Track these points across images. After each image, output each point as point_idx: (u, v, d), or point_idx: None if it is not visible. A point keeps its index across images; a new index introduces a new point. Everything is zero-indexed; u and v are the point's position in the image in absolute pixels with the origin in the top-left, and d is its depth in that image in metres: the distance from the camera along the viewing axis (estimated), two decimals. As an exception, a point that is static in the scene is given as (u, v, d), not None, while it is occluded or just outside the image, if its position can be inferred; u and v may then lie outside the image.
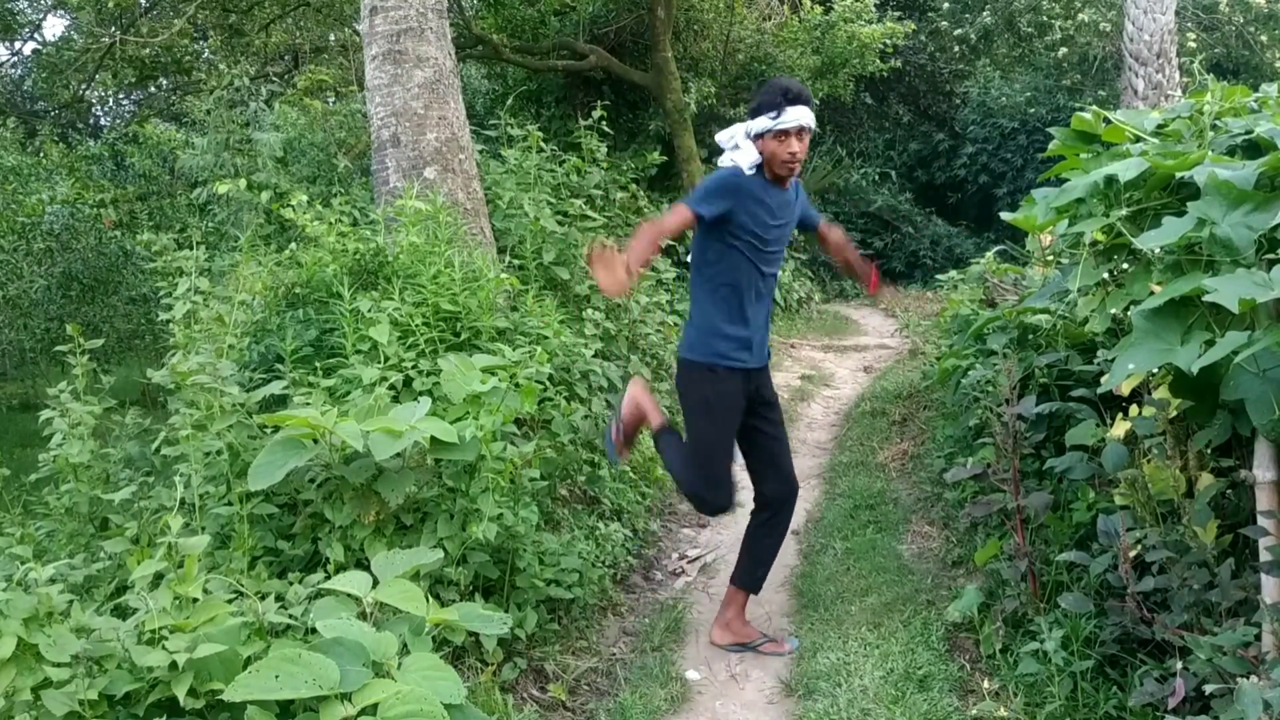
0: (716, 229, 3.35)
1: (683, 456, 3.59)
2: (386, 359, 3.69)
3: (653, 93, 11.19)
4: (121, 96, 18.76)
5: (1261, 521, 2.38)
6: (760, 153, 3.34)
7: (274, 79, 12.68)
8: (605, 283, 2.93)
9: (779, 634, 3.73)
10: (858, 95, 15.30)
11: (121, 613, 2.57)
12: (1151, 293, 2.29)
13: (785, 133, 3.28)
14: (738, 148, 3.38)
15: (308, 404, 3.25)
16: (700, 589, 4.32)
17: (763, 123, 3.28)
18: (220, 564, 2.94)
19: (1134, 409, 3.04)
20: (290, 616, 2.52)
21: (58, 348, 3.76)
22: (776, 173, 3.37)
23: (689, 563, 4.60)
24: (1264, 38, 15.57)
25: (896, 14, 13.61)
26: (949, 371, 5.17)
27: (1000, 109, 18.39)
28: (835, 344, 10.75)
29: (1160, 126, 2.74)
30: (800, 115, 3.26)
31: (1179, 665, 2.42)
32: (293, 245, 4.72)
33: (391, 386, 3.57)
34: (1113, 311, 2.63)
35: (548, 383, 4.31)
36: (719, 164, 3.47)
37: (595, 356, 5.03)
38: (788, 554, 4.60)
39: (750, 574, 3.70)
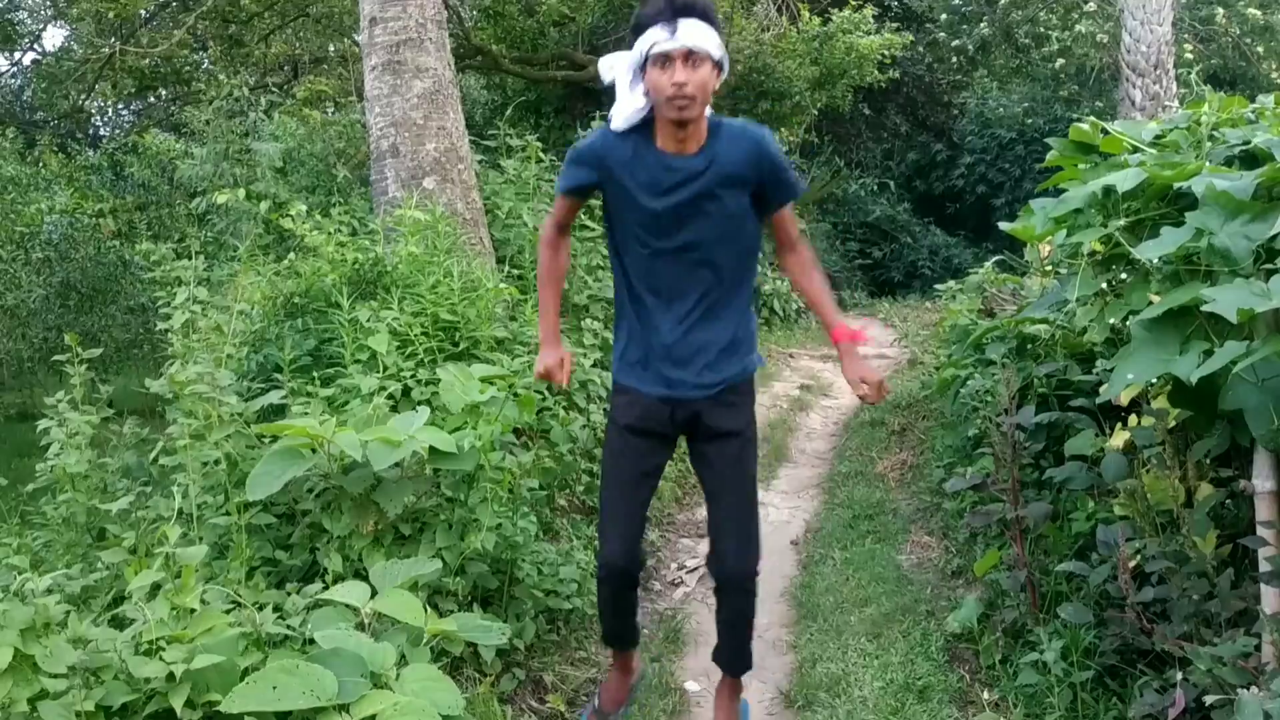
0: (606, 214, 2.66)
1: None
2: (385, 369, 3.69)
3: (651, 103, 11.21)
4: (121, 107, 18.80)
5: (1261, 532, 2.38)
6: (647, 93, 2.46)
7: (273, 89, 12.68)
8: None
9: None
10: (856, 106, 15.33)
11: (119, 623, 2.56)
12: (1150, 303, 2.29)
13: (667, 56, 2.37)
14: (615, 82, 2.55)
15: (306, 414, 3.24)
16: (699, 600, 4.30)
17: (644, 41, 2.40)
18: (218, 574, 2.93)
19: (1133, 419, 3.04)
20: (288, 627, 2.51)
21: (56, 357, 3.75)
22: (666, 116, 2.46)
23: (688, 573, 4.59)
24: (1260, 49, 15.63)
25: (894, 25, 13.65)
26: (948, 381, 5.17)
27: (998, 120, 18.47)
28: (834, 354, 10.73)
29: (1158, 137, 2.75)
30: (690, 33, 2.36)
31: (1179, 676, 2.42)
32: (291, 255, 4.72)
33: (390, 396, 3.57)
34: (1111, 321, 2.64)
35: (546, 393, 4.31)
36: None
37: (594, 366, 5.03)
38: (786, 564, 4.60)
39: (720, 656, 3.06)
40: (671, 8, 2.37)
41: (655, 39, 2.38)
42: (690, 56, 2.38)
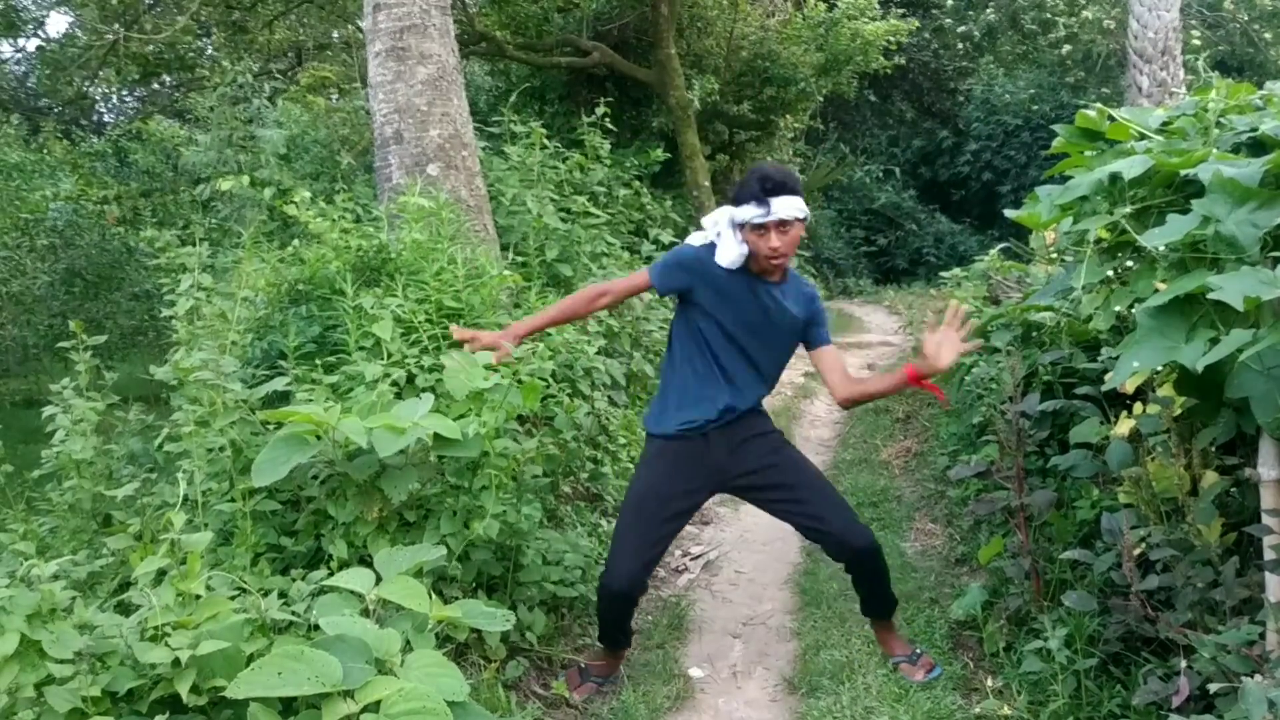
0: (683, 306, 3.21)
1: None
2: (389, 356, 3.69)
3: (656, 90, 11.19)
4: (125, 93, 18.75)
5: (1266, 520, 2.37)
6: (745, 244, 3.06)
7: (277, 76, 12.68)
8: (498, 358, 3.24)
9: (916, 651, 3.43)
10: (861, 92, 15.29)
11: (124, 609, 2.57)
12: (1156, 290, 2.28)
13: (763, 228, 2.98)
14: (720, 235, 3.11)
15: (311, 400, 3.24)
16: (703, 586, 4.31)
17: (744, 213, 3.00)
18: (223, 561, 2.94)
19: (1138, 407, 3.03)
20: (293, 613, 2.51)
21: (61, 344, 3.75)
22: (761, 267, 3.10)
23: (692, 560, 4.60)
24: (1268, 35, 15.55)
25: (900, 11, 13.60)
26: (952, 369, 5.16)
27: (1004, 106, 18.39)
28: (838, 341, 10.67)
29: (1165, 124, 2.73)
30: (780, 208, 2.95)
31: (1183, 664, 2.42)
32: (296, 242, 4.72)
33: (394, 383, 3.57)
34: (1117, 309, 2.62)
35: (550, 380, 4.31)
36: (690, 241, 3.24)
37: (598, 353, 5.03)
38: (790, 551, 4.61)
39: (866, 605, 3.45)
40: (763, 189, 2.95)
41: (752, 214, 2.96)
42: (782, 225, 2.98)
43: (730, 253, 3.07)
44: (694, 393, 3.18)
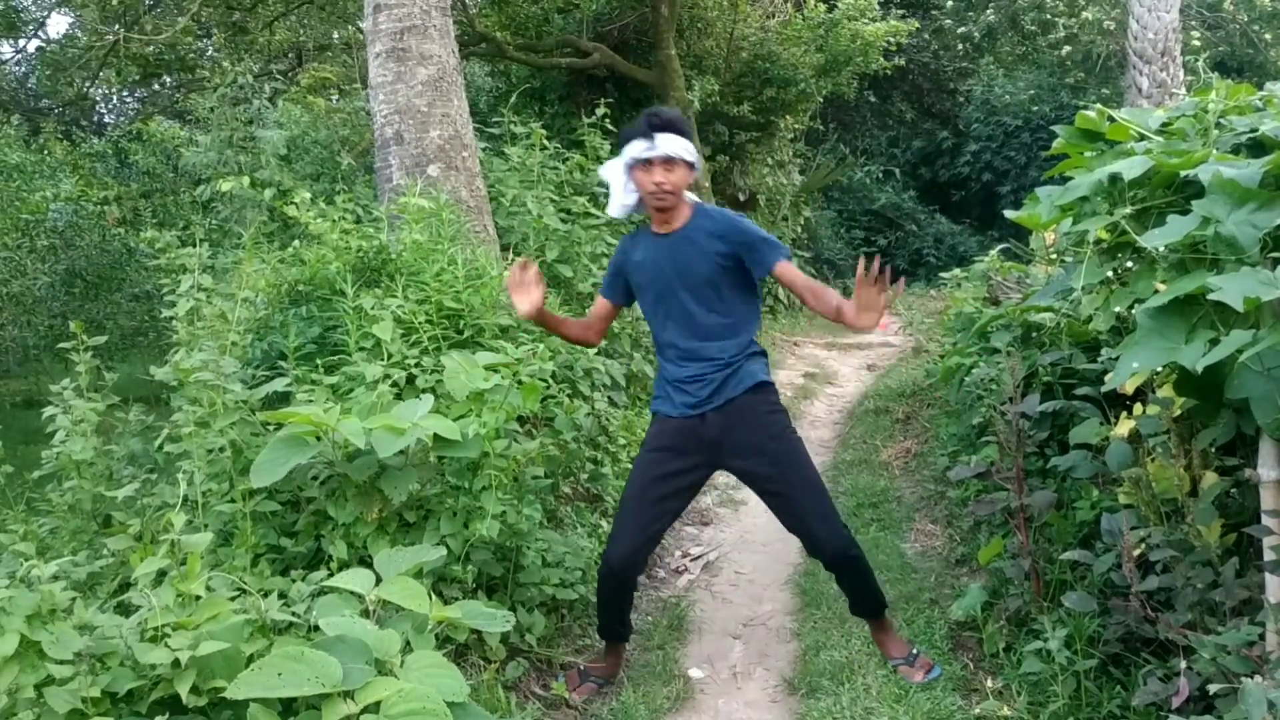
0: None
1: None
2: (389, 356, 3.69)
3: (656, 90, 11.18)
4: (125, 94, 18.78)
5: (1266, 520, 2.37)
6: (636, 189, 3.14)
7: (278, 77, 12.68)
8: (516, 303, 3.23)
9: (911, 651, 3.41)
10: (861, 93, 15.29)
11: (124, 610, 2.57)
12: (1156, 291, 2.28)
13: (648, 162, 3.03)
14: (611, 186, 3.19)
15: (311, 401, 3.24)
16: (703, 587, 4.31)
17: (631, 150, 3.06)
18: (223, 561, 2.94)
19: (1138, 408, 3.04)
20: (293, 614, 2.52)
21: (61, 345, 3.76)
22: (651, 206, 3.14)
23: (692, 560, 4.60)
24: (1268, 36, 15.55)
25: (900, 12, 13.60)
26: (952, 370, 5.16)
27: (1004, 107, 18.39)
28: (838, 342, 10.75)
29: (1164, 125, 2.73)
30: (666, 144, 3.00)
31: (1183, 665, 2.42)
32: (296, 243, 4.72)
33: (394, 384, 3.57)
34: (1117, 310, 2.62)
35: (550, 380, 4.31)
36: None
37: (598, 354, 5.03)
38: (790, 552, 4.60)
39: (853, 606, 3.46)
40: (649, 125, 3.02)
41: (639, 149, 3.03)
42: (668, 162, 3.03)
43: (618, 200, 3.18)
44: (668, 359, 3.25)
